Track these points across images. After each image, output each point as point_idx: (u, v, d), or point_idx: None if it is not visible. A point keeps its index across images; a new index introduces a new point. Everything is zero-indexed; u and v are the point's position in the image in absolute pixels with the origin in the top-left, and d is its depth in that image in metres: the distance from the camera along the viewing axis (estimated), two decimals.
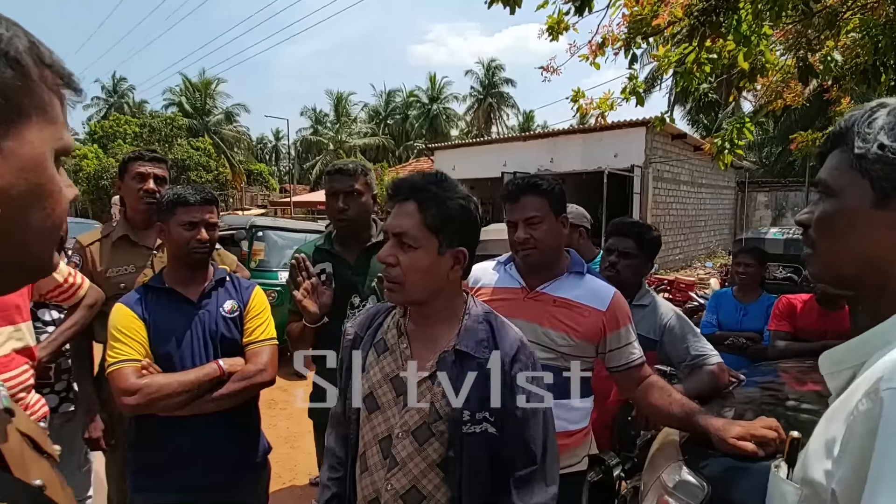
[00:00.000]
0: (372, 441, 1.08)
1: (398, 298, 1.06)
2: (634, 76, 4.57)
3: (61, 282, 1.74)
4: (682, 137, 13.80)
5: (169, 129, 28.66)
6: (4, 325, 1.54)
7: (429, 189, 1.03)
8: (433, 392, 1.03)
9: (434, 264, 1.02)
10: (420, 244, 1.01)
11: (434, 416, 1.02)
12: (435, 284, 1.04)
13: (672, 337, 1.89)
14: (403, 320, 1.12)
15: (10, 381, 1.53)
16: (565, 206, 1.54)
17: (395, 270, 1.02)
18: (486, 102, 37.31)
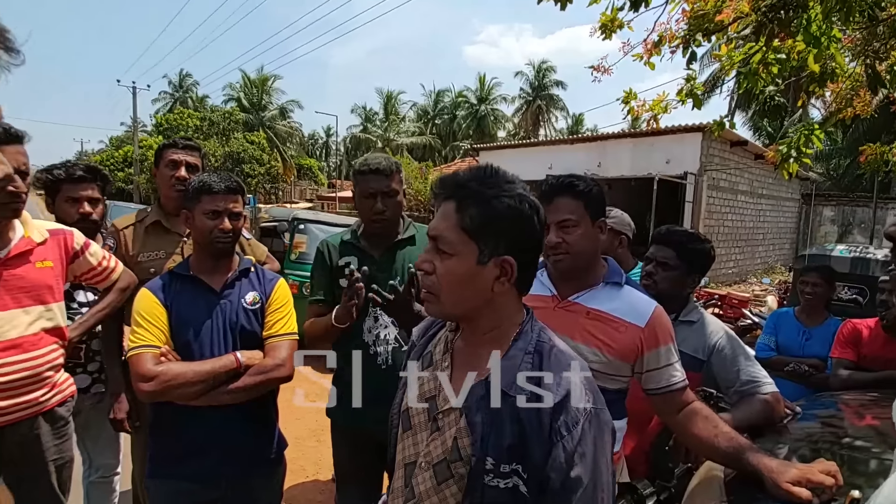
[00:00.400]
0: (400, 462, 0.97)
1: (433, 311, 0.92)
2: (692, 77, 4.30)
3: (95, 265, 1.78)
4: (742, 144, 13.05)
5: (227, 122, 29.96)
6: (35, 305, 1.56)
7: (469, 186, 0.87)
8: (458, 426, 0.87)
9: (473, 275, 0.86)
10: (456, 250, 0.86)
11: (455, 455, 0.86)
12: (475, 299, 0.88)
13: (721, 359, 1.71)
14: (452, 335, 0.99)
15: (38, 359, 1.55)
16: (604, 210, 1.42)
17: (431, 279, 0.88)
18: (535, 104, 36.82)
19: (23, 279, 1.54)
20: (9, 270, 1.51)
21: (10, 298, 1.50)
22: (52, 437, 1.62)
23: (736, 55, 3.95)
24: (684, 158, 11.81)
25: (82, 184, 2.01)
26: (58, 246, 1.67)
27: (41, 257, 1.60)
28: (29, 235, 1.59)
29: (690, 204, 11.84)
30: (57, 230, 1.71)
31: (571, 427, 0.81)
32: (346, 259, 1.80)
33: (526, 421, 0.82)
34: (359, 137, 39.09)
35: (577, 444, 0.81)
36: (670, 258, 1.80)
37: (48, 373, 1.59)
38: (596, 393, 0.87)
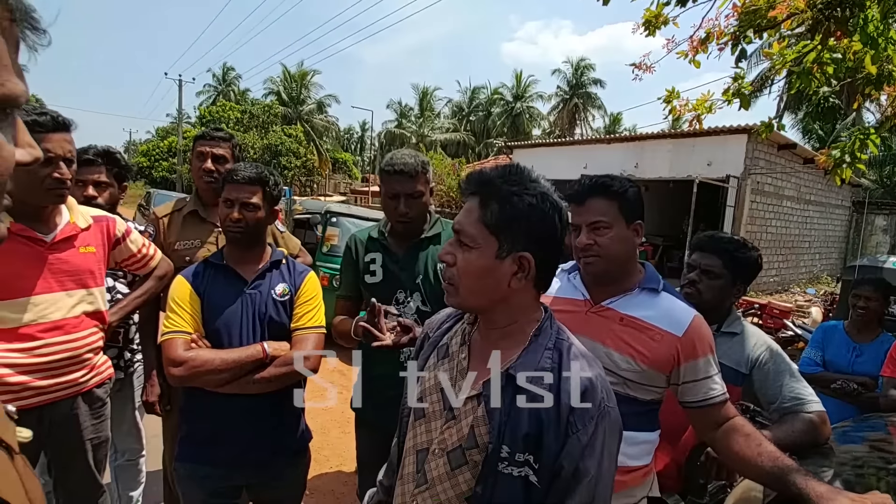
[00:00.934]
0: (411, 449, 1.00)
1: (451, 301, 0.95)
2: (741, 76, 4.11)
3: (135, 251, 1.83)
4: (790, 147, 12.42)
5: (266, 115, 30.69)
6: (78, 289, 1.61)
7: (493, 182, 0.90)
8: (476, 415, 0.91)
9: (491, 269, 0.89)
10: (477, 244, 0.89)
11: (471, 443, 0.90)
12: (492, 292, 0.91)
13: (764, 374, 1.62)
14: (470, 328, 1.02)
15: (79, 341, 1.60)
16: (641, 212, 1.35)
17: (451, 271, 0.93)
18: (572, 103, 36.18)
19: (67, 263, 1.58)
20: (54, 254, 1.56)
21: (55, 281, 1.55)
22: (89, 417, 1.67)
23: (789, 54, 3.76)
24: (727, 161, 11.35)
25: (90, 167, 2.03)
26: (101, 232, 1.72)
27: (85, 242, 1.65)
28: (74, 221, 1.63)
29: (732, 208, 11.38)
30: (100, 217, 1.75)
31: (587, 422, 0.85)
32: (371, 256, 1.80)
33: (544, 413, 0.86)
34: (393, 133, 39.35)
35: (590, 439, 0.85)
36: (715, 266, 1.71)
37: (88, 355, 1.64)
38: (609, 391, 0.91)
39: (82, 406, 1.65)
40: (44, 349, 1.51)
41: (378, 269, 1.79)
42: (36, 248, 1.52)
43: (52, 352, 1.53)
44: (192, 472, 1.59)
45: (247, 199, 1.59)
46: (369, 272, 1.80)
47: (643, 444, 1.31)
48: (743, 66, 4.32)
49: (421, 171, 1.74)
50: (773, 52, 3.93)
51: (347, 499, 2.82)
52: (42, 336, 1.51)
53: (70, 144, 1.55)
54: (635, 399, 1.29)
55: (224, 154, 2.13)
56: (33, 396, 1.50)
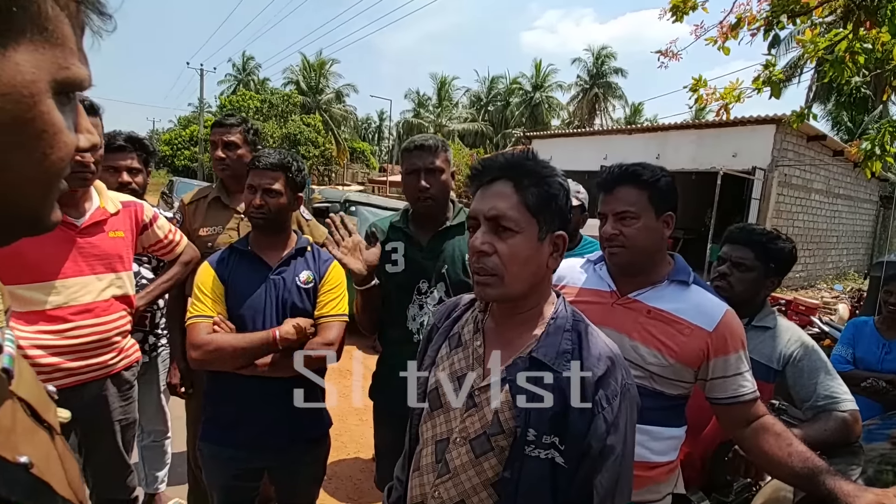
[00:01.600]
0: (430, 440, 0.99)
1: (495, 294, 0.91)
2: (772, 63, 3.97)
3: (161, 237, 1.86)
4: (820, 139, 12.05)
5: (285, 105, 30.86)
6: (107, 273, 1.64)
7: (525, 165, 0.92)
8: (501, 400, 0.90)
9: (536, 252, 0.90)
10: (521, 228, 0.89)
11: (496, 429, 0.90)
12: (535, 275, 0.91)
13: (798, 371, 1.58)
14: (482, 315, 1.00)
15: (108, 324, 1.64)
16: (673, 203, 1.31)
17: (492, 260, 0.89)
18: (592, 93, 35.59)
19: (97, 247, 1.61)
20: (84, 238, 1.59)
21: (86, 265, 1.58)
22: (118, 399, 1.71)
23: (821, 41, 3.62)
24: (753, 152, 11.06)
25: (122, 153, 2.06)
26: (129, 217, 1.74)
27: (114, 227, 1.67)
28: (104, 206, 1.66)
29: (757, 201, 11.11)
30: (129, 202, 1.78)
31: (612, 399, 0.87)
32: (392, 244, 1.79)
33: (571, 395, 0.86)
34: (411, 122, 39.26)
35: (615, 417, 0.87)
36: (747, 259, 1.66)
37: (116, 338, 1.67)
38: (627, 368, 0.93)
39: (111, 388, 1.69)
40: (74, 331, 1.54)
41: (400, 259, 1.78)
42: (67, 232, 1.55)
43: (82, 334, 1.56)
44: (217, 453, 1.62)
45: (269, 185, 1.59)
46: (390, 261, 1.78)
47: (669, 439, 1.29)
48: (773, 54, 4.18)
49: (441, 148, 1.73)
50: (805, 39, 3.79)
51: (365, 485, 2.85)
52: (73, 318, 1.53)
53: (98, 130, 1.58)
54: (661, 394, 1.27)
55: (235, 140, 2.12)
56: (64, 378, 1.54)
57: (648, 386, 1.26)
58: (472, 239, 0.92)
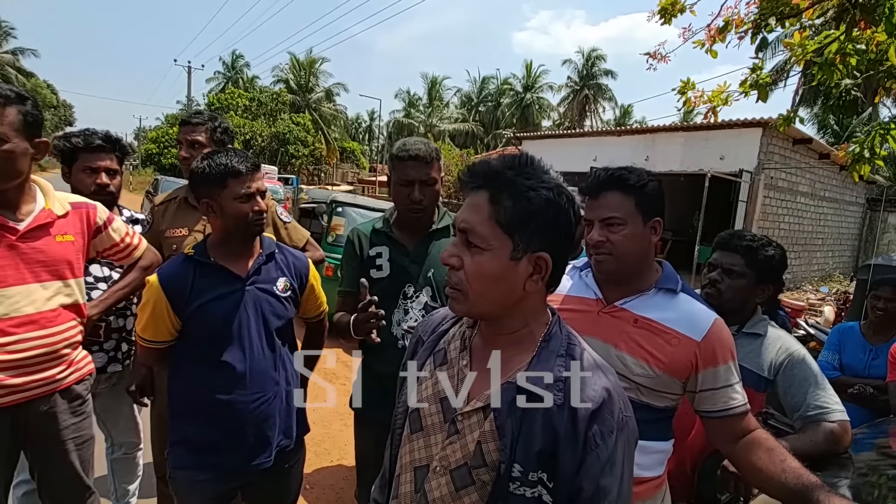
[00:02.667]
0: (408, 465, 0.91)
1: (459, 309, 0.85)
2: (759, 66, 3.98)
3: (118, 241, 1.72)
4: (806, 142, 12.18)
5: (274, 103, 30.61)
6: (53, 280, 1.50)
7: (504, 175, 0.81)
8: (483, 430, 0.82)
9: (506, 272, 0.80)
10: (489, 245, 0.80)
11: (478, 461, 0.81)
12: (506, 297, 0.82)
13: (789, 380, 1.54)
14: (470, 332, 0.93)
15: (55, 335, 1.50)
16: (660, 209, 1.26)
17: (458, 275, 0.82)
18: (582, 94, 35.80)
19: (42, 253, 1.47)
20: (28, 243, 1.44)
21: (29, 272, 1.44)
22: (69, 416, 1.57)
23: (810, 44, 3.62)
24: (740, 155, 11.15)
25: (101, 153, 1.95)
26: (80, 220, 1.60)
27: (62, 231, 1.53)
28: (50, 207, 1.51)
29: (744, 203, 11.20)
30: (79, 203, 1.63)
31: (606, 436, 0.78)
32: (377, 249, 1.73)
33: (559, 427, 0.78)
34: (402, 122, 39.17)
35: (610, 455, 0.78)
36: (737, 265, 1.63)
37: (65, 350, 1.54)
38: (626, 401, 0.84)
39: (60, 403, 1.54)
40: (17, 345, 1.41)
41: (385, 264, 1.72)
42: (6, 237, 1.40)
43: (25, 347, 1.42)
44: (192, 478, 1.50)
45: (262, 187, 1.50)
46: (375, 266, 1.73)
47: (657, 453, 1.24)
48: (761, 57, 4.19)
49: (435, 158, 1.68)
50: (794, 42, 3.80)
51: (347, 494, 2.77)
52: (14, 331, 1.40)
53: None
54: (649, 406, 1.22)
55: (200, 139, 2.04)
56: (6, 395, 1.40)
57: (635, 398, 1.21)
58: (444, 250, 0.85)
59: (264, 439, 1.50)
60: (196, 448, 1.49)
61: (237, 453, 1.48)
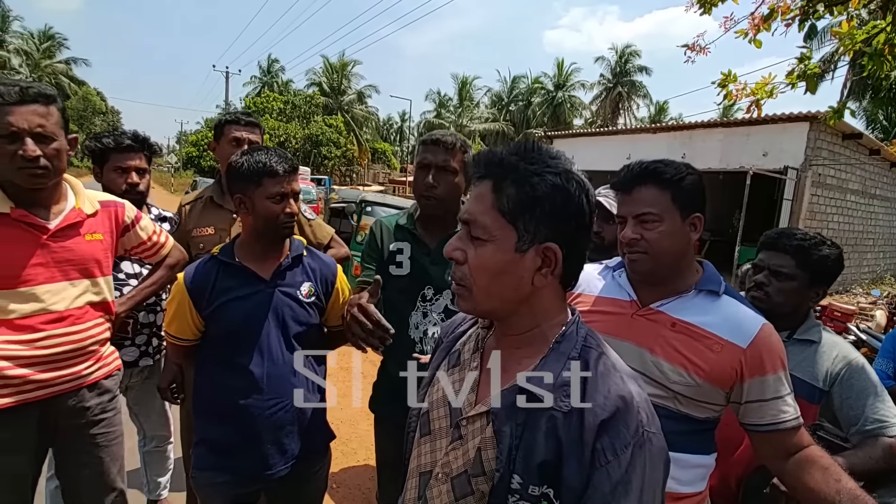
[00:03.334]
0: (415, 470, 0.87)
1: (464, 306, 0.80)
2: (807, 56, 3.76)
3: (145, 239, 1.74)
4: (856, 137, 11.50)
5: (308, 106, 31.21)
6: (82, 279, 1.52)
7: (507, 162, 0.75)
8: (484, 436, 0.76)
9: (510, 265, 0.74)
10: (491, 236, 0.74)
11: (477, 469, 0.75)
12: (513, 293, 0.76)
13: (846, 391, 1.42)
14: (485, 332, 0.88)
15: (83, 332, 1.52)
16: (700, 204, 1.17)
17: (462, 270, 0.77)
18: (615, 91, 35.05)
19: (71, 251, 1.49)
20: (58, 242, 1.46)
21: (58, 270, 1.46)
22: (97, 410, 1.59)
23: (859, 34, 3.39)
24: (784, 151, 10.62)
25: (130, 153, 1.99)
26: (108, 218, 1.62)
27: (91, 229, 1.55)
28: (80, 206, 1.53)
29: (789, 202, 10.66)
30: (108, 202, 1.65)
31: (619, 451, 0.68)
32: (398, 245, 1.69)
33: (564, 437, 0.70)
34: (432, 123, 39.24)
35: (624, 473, 0.68)
36: (787, 266, 1.50)
37: (93, 346, 1.56)
38: (651, 413, 0.73)
39: (88, 398, 1.56)
40: (46, 341, 1.43)
41: (405, 261, 1.67)
42: (37, 236, 1.43)
43: (54, 344, 1.45)
44: (212, 480, 1.49)
45: (296, 189, 1.47)
46: (395, 263, 1.68)
47: (697, 468, 1.15)
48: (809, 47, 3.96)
49: (458, 148, 1.61)
50: (842, 31, 3.57)
51: (373, 494, 2.75)
52: (44, 328, 1.43)
53: (42, 118, 1.36)
54: (688, 417, 1.14)
55: (258, 141, 2.08)
56: (36, 390, 1.44)
57: (672, 408, 1.13)
58: (448, 243, 0.80)
59: (280, 447, 1.47)
60: (216, 449, 1.48)
61: (253, 459, 1.45)
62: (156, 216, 2.18)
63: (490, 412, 0.76)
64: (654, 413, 0.75)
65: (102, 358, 1.61)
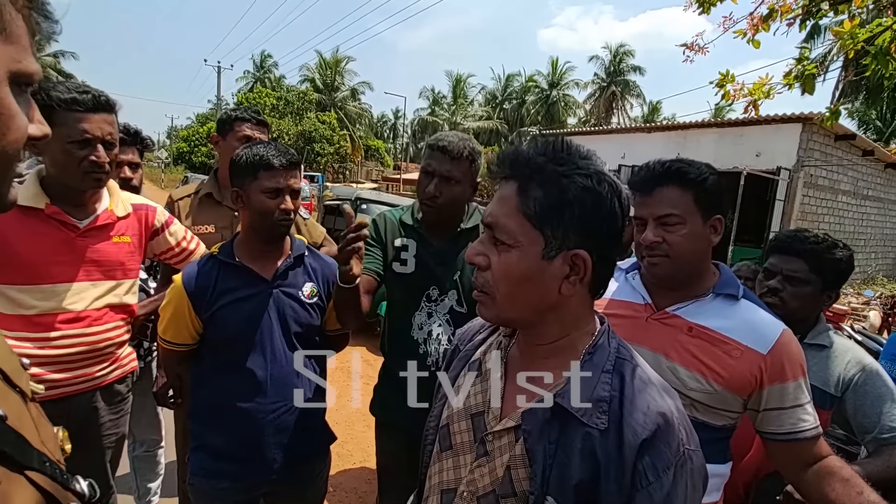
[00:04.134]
0: (435, 488, 0.82)
1: (487, 314, 0.76)
2: (805, 56, 3.75)
3: (173, 244, 1.71)
4: (849, 138, 11.58)
5: (301, 102, 31.00)
6: (105, 280, 1.50)
7: (535, 162, 0.70)
8: (514, 454, 0.72)
9: (536, 272, 0.70)
10: (517, 242, 0.70)
11: (507, 489, 0.71)
12: (539, 301, 0.72)
13: (861, 397, 1.39)
14: (508, 340, 0.84)
15: (100, 335, 1.50)
16: (719, 205, 1.13)
17: (485, 276, 0.73)
18: (609, 91, 35.14)
19: (97, 252, 1.47)
20: (85, 241, 1.45)
21: (82, 270, 1.45)
22: (108, 413, 1.58)
23: (861, 33, 3.38)
24: (777, 151, 10.67)
25: (122, 147, 1.88)
26: (139, 221, 1.61)
27: (120, 232, 1.54)
28: (112, 208, 1.53)
29: (781, 202, 10.73)
30: (141, 205, 1.64)
31: (661, 472, 0.65)
32: (403, 241, 1.64)
33: (602, 457, 0.66)
34: (426, 120, 39.20)
35: (667, 496, 0.65)
36: (801, 271, 1.47)
37: (110, 349, 1.54)
38: (690, 429, 0.71)
39: (101, 401, 1.55)
40: (61, 340, 1.42)
41: (410, 259, 1.63)
42: (67, 234, 1.42)
43: (69, 344, 1.43)
44: (210, 487, 1.44)
45: (294, 185, 1.40)
46: (399, 260, 1.64)
47: (713, 477, 1.10)
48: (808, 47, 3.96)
49: (465, 158, 1.55)
50: (843, 30, 3.56)
51: (370, 498, 2.70)
52: (61, 327, 1.41)
53: (111, 126, 1.42)
54: (705, 425, 1.10)
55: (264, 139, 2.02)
56: (49, 389, 1.40)
57: (690, 415, 1.08)
58: (469, 248, 0.75)
59: (283, 449, 1.43)
60: (216, 455, 1.43)
61: (256, 463, 1.41)
62: None
63: (520, 428, 0.72)
64: (693, 429, 0.71)
65: (119, 360, 1.60)
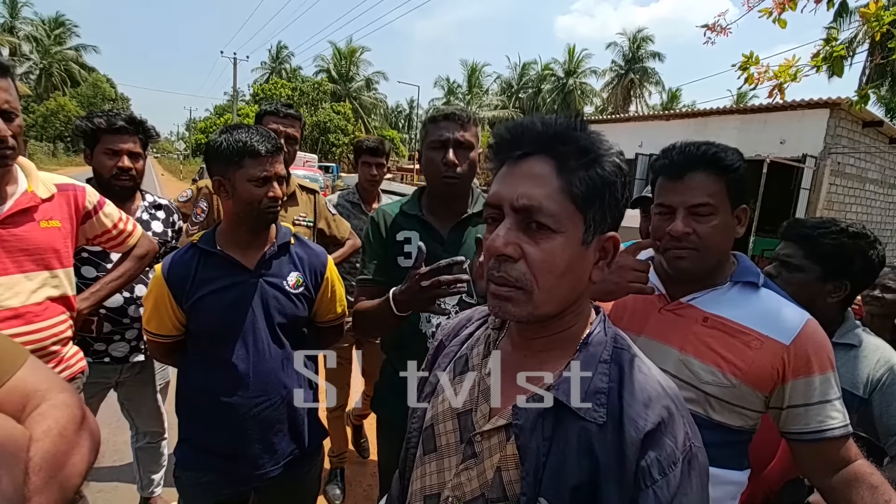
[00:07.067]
0: (418, 493, 0.76)
1: (518, 313, 0.64)
2: (833, 37, 3.56)
3: (109, 227, 1.58)
4: (877, 125, 11.15)
5: (316, 93, 31.05)
6: (39, 270, 1.35)
7: (573, 137, 0.63)
8: (505, 453, 0.66)
9: (577, 260, 0.63)
10: (562, 227, 0.62)
11: (497, 492, 0.65)
12: (573, 292, 0.65)
13: (888, 399, 1.29)
14: (496, 334, 0.77)
15: (43, 331, 1.36)
16: (746, 194, 1.04)
17: (518, 268, 0.62)
18: (627, 78, 34.48)
19: (25, 240, 1.32)
20: (8, 230, 1.29)
21: (11, 262, 1.29)
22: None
23: (886, 15, 3.19)
24: (803, 139, 10.31)
25: (123, 136, 1.85)
26: (67, 203, 1.44)
27: (47, 216, 1.37)
28: (33, 190, 1.36)
29: (807, 191, 10.38)
30: (66, 185, 1.47)
31: (667, 469, 0.59)
32: (405, 234, 1.55)
33: (600, 453, 0.60)
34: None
35: (675, 495, 0.58)
36: (794, 256, 1.35)
37: (54, 346, 1.40)
38: (692, 423, 0.65)
39: None
40: None
41: (414, 250, 1.55)
42: None
43: None
44: (196, 480, 1.41)
45: (281, 172, 1.34)
46: (403, 254, 1.55)
47: (729, 485, 1.03)
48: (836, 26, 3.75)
49: (472, 122, 1.47)
50: (869, 12, 3.37)
51: (375, 492, 2.67)
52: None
53: (5, 93, 1.20)
54: (721, 425, 1.01)
55: (296, 135, 2.01)
56: None
57: (703, 414, 1.01)
58: (492, 237, 0.64)
59: (270, 446, 1.38)
60: (200, 448, 1.38)
61: (241, 459, 1.36)
62: (150, 203, 2.04)
63: (511, 426, 0.66)
64: (693, 421, 0.65)
65: (64, 360, 1.46)
